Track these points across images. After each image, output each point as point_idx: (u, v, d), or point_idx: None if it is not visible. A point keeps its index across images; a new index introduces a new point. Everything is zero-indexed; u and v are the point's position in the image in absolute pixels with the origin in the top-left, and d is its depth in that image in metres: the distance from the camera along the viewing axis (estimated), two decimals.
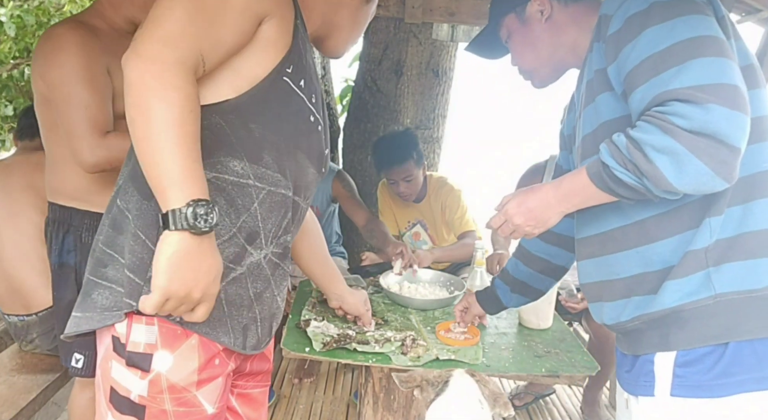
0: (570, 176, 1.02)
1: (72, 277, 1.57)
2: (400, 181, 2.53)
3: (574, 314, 2.40)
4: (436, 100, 3.38)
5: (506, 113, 16.44)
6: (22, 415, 1.66)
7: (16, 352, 1.95)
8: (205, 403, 0.99)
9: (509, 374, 1.50)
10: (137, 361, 0.95)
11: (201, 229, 0.83)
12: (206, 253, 0.86)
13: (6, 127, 6.29)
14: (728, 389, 0.94)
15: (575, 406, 2.69)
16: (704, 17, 0.91)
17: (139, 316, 0.95)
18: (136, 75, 0.83)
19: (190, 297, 0.85)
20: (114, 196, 1.04)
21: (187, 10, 0.85)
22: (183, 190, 0.83)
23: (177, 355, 0.95)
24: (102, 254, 1.00)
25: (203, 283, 0.86)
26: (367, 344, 1.51)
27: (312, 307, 1.78)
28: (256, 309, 1.05)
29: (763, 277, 0.94)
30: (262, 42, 0.96)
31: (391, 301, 1.91)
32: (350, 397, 2.66)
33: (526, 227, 1.09)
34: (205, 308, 0.89)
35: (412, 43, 3.17)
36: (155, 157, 0.83)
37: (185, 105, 0.84)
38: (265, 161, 1.00)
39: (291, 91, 1.03)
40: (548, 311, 1.78)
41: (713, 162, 0.83)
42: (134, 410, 0.97)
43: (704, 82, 0.84)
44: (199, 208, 0.82)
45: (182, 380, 0.96)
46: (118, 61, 1.46)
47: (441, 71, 3.31)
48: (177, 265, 0.83)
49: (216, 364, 1.00)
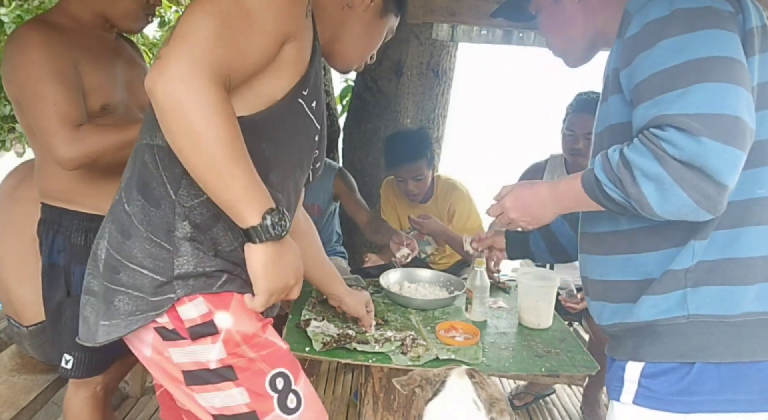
0: (567, 180, 1.03)
1: (62, 277, 1.57)
2: (410, 179, 2.48)
3: (574, 314, 2.40)
4: (436, 100, 3.38)
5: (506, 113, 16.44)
6: (22, 415, 1.66)
7: (16, 352, 1.95)
8: (277, 341, 1.07)
9: (509, 374, 1.50)
10: (202, 331, 0.99)
11: (280, 236, 0.91)
12: (287, 248, 0.97)
13: (6, 127, 6.28)
14: (687, 407, 0.97)
15: (575, 406, 2.68)
16: (724, 33, 0.88)
17: (180, 301, 0.98)
18: (168, 98, 0.81)
19: (288, 285, 1.00)
20: (118, 201, 1.04)
21: (217, 29, 0.85)
22: (255, 207, 0.88)
23: (232, 311, 1.01)
24: (113, 261, 1.01)
25: (294, 272, 1.00)
26: (367, 344, 1.51)
27: (312, 307, 1.78)
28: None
29: (738, 304, 0.95)
30: (282, 63, 0.97)
31: (391, 301, 1.91)
32: (350, 397, 2.66)
33: (520, 222, 1.12)
34: (299, 286, 1.04)
35: (412, 43, 3.17)
36: (218, 182, 0.86)
37: (230, 124, 0.85)
38: (270, 180, 1.02)
39: (304, 113, 1.05)
40: (548, 311, 1.78)
41: (697, 194, 0.84)
42: (221, 375, 1.00)
43: (703, 111, 0.82)
44: (273, 217, 0.89)
45: (249, 327, 1.02)
46: (87, 57, 1.49)
47: (441, 71, 3.31)
48: (270, 268, 0.94)
49: (261, 315, 1.07)
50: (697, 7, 0.89)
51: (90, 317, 1.06)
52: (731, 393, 0.95)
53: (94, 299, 1.06)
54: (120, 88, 1.60)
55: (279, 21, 0.91)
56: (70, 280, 1.57)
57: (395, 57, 3.20)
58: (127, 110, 1.62)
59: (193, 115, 0.81)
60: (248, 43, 0.89)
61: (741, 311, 0.95)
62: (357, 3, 1.14)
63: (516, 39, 3.24)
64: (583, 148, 2.34)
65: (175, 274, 0.97)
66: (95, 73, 1.50)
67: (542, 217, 1.10)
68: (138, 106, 1.68)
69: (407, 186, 2.52)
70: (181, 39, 0.84)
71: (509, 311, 1.90)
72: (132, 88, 1.65)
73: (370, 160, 3.40)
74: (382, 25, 1.21)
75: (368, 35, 1.20)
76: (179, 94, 0.81)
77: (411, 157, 2.45)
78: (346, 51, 1.20)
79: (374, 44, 1.24)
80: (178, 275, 0.98)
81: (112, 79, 1.57)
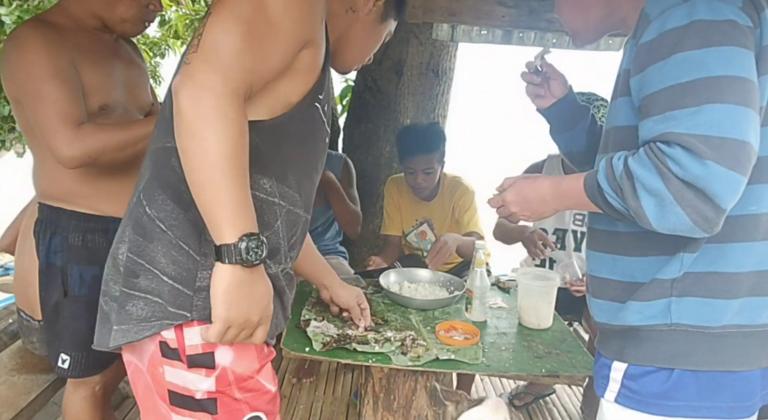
0: (570, 178, 1.04)
1: (59, 278, 1.56)
2: (420, 171, 2.48)
3: (574, 314, 2.40)
4: (436, 100, 3.38)
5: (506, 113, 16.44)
6: (22, 415, 1.66)
7: (16, 352, 1.95)
8: (266, 384, 1.06)
9: (509, 374, 1.50)
10: (201, 362, 0.98)
11: (252, 263, 0.88)
12: (258, 280, 0.92)
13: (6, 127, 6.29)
14: (665, 411, 1.00)
15: (575, 406, 2.68)
16: (740, 51, 0.86)
17: (189, 321, 0.97)
18: (190, 103, 0.84)
19: (250, 322, 0.92)
20: (137, 203, 1.02)
21: (244, 38, 0.87)
22: (236, 226, 0.86)
23: (236, 347, 0.99)
24: (132, 264, 1.00)
25: (259, 308, 0.93)
26: (367, 344, 1.51)
27: (312, 307, 1.78)
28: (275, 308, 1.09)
29: (719, 317, 0.97)
30: (300, 68, 0.98)
31: (391, 301, 1.91)
32: (350, 397, 2.66)
33: (521, 215, 1.14)
34: (263, 330, 0.96)
35: (412, 43, 3.17)
36: (209, 190, 0.86)
37: (238, 138, 0.86)
38: (289, 181, 1.04)
39: (318, 116, 1.07)
40: (548, 311, 1.78)
41: (696, 215, 0.85)
42: (203, 406, 1.00)
43: (712, 134, 0.83)
44: (251, 242, 0.87)
45: (246, 369, 1.02)
46: (86, 56, 1.49)
47: (441, 71, 3.31)
48: (233, 296, 0.89)
49: (265, 352, 1.08)
50: (716, 20, 0.87)
51: (105, 322, 1.06)
52: (708, 400, 0.98)
53: (112, 304, 1.05)
54: (119, 89, 1.60)
55: (300, 28, 0.93)
56: (67, 281, 1.56)
57: (395, 57, 3.20)
58: (126, 111, 1.62)
59: (209, 126, 0.83)
60: (271, 50, 0.91)
61: (722, 323, 0.97)
62: (360, 7, 1.16)
63: (516, 39, 3.24)
64: None
65: (196, 286, 0.96)
66: (94, 73, 1.50)
67: (542, 213, 1.12)
68: (137, 107, 1.68)
69: (416, 179, 2.50)
70: (210, 47, 0.86)
71: (509, 311, 1.90)
72: (131, 89, 1.65)
73: (370, 160, 3.40)
74: (382, 28, 1.24)
75: (369, 38, 1.24)
76: (201, 104, 0.83)
77: (425, 149, 2.46)
78: (348, 53, 1.23)
79: (374, 47, 1.27)
80: (199, 288, 0.96)
81: (111, 79, 1.57)
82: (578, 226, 2.50)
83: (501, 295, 2.07)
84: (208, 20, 0.88)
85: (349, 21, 1.17)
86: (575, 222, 2.50)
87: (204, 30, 0.88)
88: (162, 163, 1.00)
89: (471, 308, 1.79)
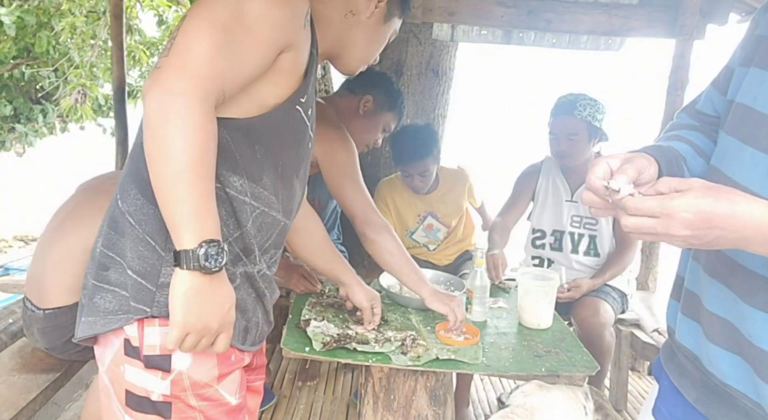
0: None
1: None
2: (416, 175, 2.53)
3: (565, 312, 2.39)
4: (436, 100, 3.38)
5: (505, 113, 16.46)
6: (22, 415, 1.66)
7: (16, 352, 1.95)
8: (227, 395, 1.03)
9: (509, 374, 1.50)
10: (157, 363, 0.97)
11: (211, 270, 0.86)
12: (218, 286, 0.90)
13: (6, 127, 6.28)
14: None
15: None
16: None
17: (151, 320, 0.96)
18: (156, 107, 0.83)
19: (209, 328, 0.89)
20: (114, 198, 1.03)
21: (217, 44, 0.85)
22: (196, 231, 0.85)
23: (195, 352, 0.96)
24: (103, 257, 1.00)
25: (219, 314, 0.90)
26: (367, 344, 1.51)
27: (312, 307, 1.78)
28: (257, 311, 1.09)
29: None
30: (278, 71, 0.97)
31: (391, 301, 1.91)
32: (350, 397, 2.66)
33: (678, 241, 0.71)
34: (225, 338, 0.93)
35: (412, 43, 3.17)
36: (171, 194, 0.84)
37: (204, 145, 0.84)
38: (264, 182, 1.02)
39: (300, 119, 1.05)
40: (548, 311, 1.78)
41: None
42: (157, 409, 0.98)
43: None
44: (211, 249, 0.85)
45: (204, 376, 0.99)
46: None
47: (441, 71, 3.31)
48: (191, 302, 0.87)
49: (232, 359, 1.04)
50: None
51: (80, 314, 1.05)
52: None
53: (83, 296, 1.05)
54: None
55: (276, 32, 0.92)
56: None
57: (395, 57, 3.20)
58: None
59: (174, 131, 0.82)
60: (246, 54, 0.89)
61: None
62: (361, 11, 1.15)
63: (516, 39, 3.24)
64: (566, 149, 2.37)
65: (160, 281, 0.95)
66: None
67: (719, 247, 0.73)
68: None
69: (413, 181, 2.56)
70: (181, 52, 0.84)
71: (509, 311, 1.90)
72: None
73: (370, 160, 3.40)
74: (386, 29, 1.23)
75: (373, 40, 1.23)
76: (169, 107, 0.82)
77: (418, 155, 2.49)
78: (351, 56, 1.22)
79: (378, 48, 1.26)
80: (162, 284, 0.95)
81: None
82: (576, 227, 2.50)
83: (501, 295, 2.07)
84: (182, 24, 0.87)
85: (348, 24, 1.16)
86: (572, 224, 2.50)
87: (177, 34, 0.86)
88: (137, 158, 0.99)
89: (471, 308, 1.79)
